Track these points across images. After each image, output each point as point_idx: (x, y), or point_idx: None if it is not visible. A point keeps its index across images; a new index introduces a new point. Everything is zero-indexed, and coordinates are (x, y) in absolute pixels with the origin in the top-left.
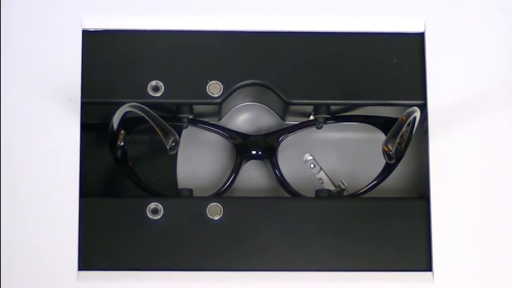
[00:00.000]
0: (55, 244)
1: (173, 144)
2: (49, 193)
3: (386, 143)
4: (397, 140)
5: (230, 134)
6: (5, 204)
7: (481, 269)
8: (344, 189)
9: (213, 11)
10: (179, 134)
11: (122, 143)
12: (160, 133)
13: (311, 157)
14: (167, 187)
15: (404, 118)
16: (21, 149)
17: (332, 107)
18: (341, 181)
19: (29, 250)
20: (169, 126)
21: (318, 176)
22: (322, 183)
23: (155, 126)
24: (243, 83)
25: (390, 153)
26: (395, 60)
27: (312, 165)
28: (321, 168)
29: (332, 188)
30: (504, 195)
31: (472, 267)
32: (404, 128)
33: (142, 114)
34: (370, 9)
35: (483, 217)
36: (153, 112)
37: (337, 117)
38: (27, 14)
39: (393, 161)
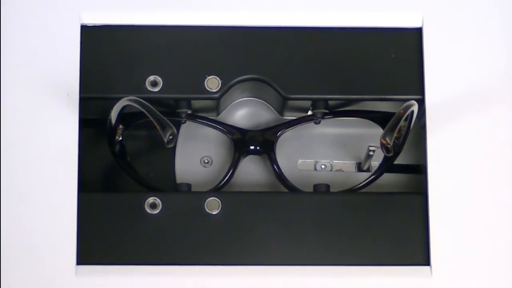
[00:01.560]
0: (54, 239)
1: (170, 137)
2: (48, 188)
3: (384, 136)
4: (395, 134)
5: (228, 129)
6: (4, 199)
7: (479, 264)
8: (374, 150)
9: (212, 6)
10: (178, 129)
11: (121, 138)
12: (157, 126)
13: (313, 160)
14: (165, 182)
15: (401, 111)
16: (20, 144)
17: (330, 102)
18: (369, 146)
19: (28, 245)
20: (166, 119)
21: (335, 169)
22: (343, 171)
23: (152, 119)
24: (241, 78)
25: (388, 146)
26: (393, 55)
27: (323, 166)
28: (331, 163)
29: (352, 167)
30: (501, 190)
31: (470, 261)
32: (402, 122)
33: (139, 107)
34: (368, 4)
35: (481, 212)
36: (150, 105)
37: (335, 112)
38: (26, 10)
39: (391, 154)
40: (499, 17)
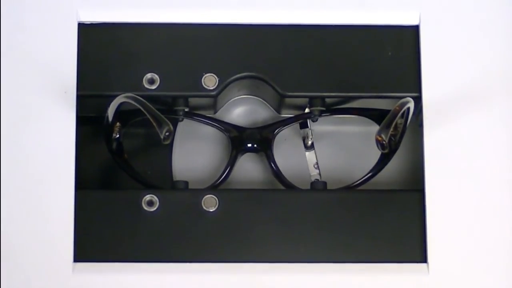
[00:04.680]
0: (51, 236)
1: (167, 133)
2: (45, 185)
3: (379, 133)
4: (391, 131)
5: (226, 127)
6: (1, 197)
7: (475, 261)
8: (313, 113)
9: (209, 4)
10: (175, 127)
11: (118, 136)
12: (153, 123)
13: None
14: (162, 180)
15: (397, 108)
16: (17, 141)
17: (327, 100)
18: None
19: (25, 242)
20: (162, 116)
21: (315, 167)
22: (318, 162)
23: (148, 116)
24: (238, 75)
25: (384, 142)
26: (390, 53)
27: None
28: (314, 172)
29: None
30: (498, 188)
31: (466, 258)
32: (398, 120)
33: (136, 104)
34: (365, 2)
35: (478, 209)
36: (146, 102)
37: (332, 110)
38: (23, 7)
39: (386, 151)
40: (496, 15)
